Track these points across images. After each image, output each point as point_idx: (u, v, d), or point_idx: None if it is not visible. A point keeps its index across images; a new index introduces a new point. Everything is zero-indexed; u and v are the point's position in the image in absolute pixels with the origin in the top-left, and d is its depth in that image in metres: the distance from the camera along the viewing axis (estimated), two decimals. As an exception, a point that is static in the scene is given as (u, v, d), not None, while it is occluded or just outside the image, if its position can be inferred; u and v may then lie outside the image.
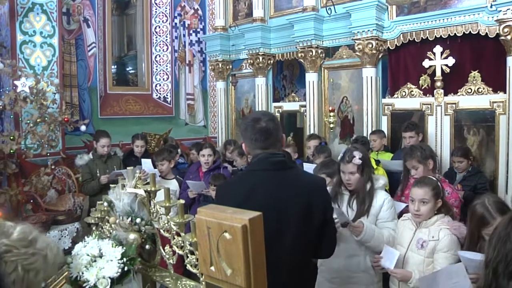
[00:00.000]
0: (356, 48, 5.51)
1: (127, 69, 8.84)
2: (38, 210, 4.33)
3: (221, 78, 7.75)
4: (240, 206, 1.68)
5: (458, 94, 4.95)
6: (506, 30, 4.38)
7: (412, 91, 5.32)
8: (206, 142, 5.28)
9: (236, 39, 7.40)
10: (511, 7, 4.30)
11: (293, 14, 6.38)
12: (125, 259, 1.94)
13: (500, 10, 4.40)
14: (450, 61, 4.88)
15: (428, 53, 5.04)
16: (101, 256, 1.95)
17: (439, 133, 5.06)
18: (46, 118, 4.62)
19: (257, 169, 2.05)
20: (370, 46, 5.34)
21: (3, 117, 5.17)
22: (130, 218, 2.12)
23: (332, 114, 5.84)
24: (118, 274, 1.90)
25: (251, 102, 7.47)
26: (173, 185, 4.59)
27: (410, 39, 5.24)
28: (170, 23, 8.00)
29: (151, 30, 7.90)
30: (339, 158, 2.91)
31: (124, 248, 2.00)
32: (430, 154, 3.43)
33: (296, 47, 6.25)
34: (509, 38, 4.38)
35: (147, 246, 2.18)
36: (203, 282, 1.54)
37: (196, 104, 8.44)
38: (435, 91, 5.05)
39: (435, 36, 5.00)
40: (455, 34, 4.87)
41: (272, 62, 6.92)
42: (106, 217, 2.30)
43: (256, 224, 1.17)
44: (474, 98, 4.83)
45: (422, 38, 5.13)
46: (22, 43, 5.23)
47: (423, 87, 5.27)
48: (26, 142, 4.76)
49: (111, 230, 2.22)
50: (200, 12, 8.45)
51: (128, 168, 2.27)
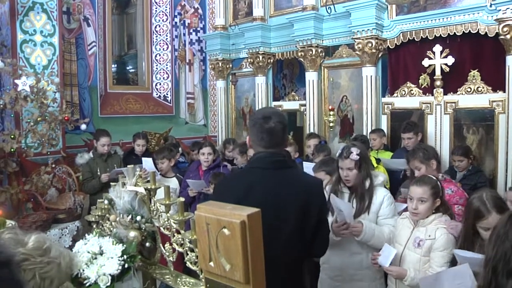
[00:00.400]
0: (356, 47, 5.52)
1: (127, 68, 8.83)
2: (38, 208, 4.34)
3: (221, 77, 7.77)
4: (239, 202, 1.69)
5: (458, 93, 4.95)
6: (505, 29, 4.39)
7: (411, 90, 5.33)
8: (206, 141, 5.29)
9: (236, 38, 7.41)
10: (511, 6, 4.31)
11: (293, 13, 6.38)
12: (125, 257, 1.96)
13: (499, 9, 4.41)
14: (450, 60, 4.88)
15: (427, 52, 5.05)
16: (101, 253, 1.96)
17: (439, 132, 5.07)
18: (47, 117, 4.63)
19: (256, 166, 2.07)
20: (370, 45, 5.35)
21: (4, 116, 5.17)
22: (130, 216, 2.13)
23: (332, 113, 5.85)
24: (119, 271, 1.91)
25: (251, 101, 7.47)
26: (173, 183, 4.59)
27: (410, 38, 5.25)
28: (170, 22, 8.00)
29: (151, 29, 7.90)
30: (337, 154, 2.92)
31: (124, 245, 2.01)
32: (433, 155, 3.43)
33: (296, 46, 6.25)
34: (508, 37, 4.38)
35: (147, 244, 2.19)
36: (203, 279, 1.55)
37: (196, 103, 8.44)
38: (435, 90, 5.06)
39: (435, 35, 5.01)
40: (455, 33, 4.88)
41: (272, 61, 6.92)
42: (107, 215, 2.32)
43: (254, 220, 1.19)
44: (474, 97, 4.84)
45: (421, 37, 5.14)
46: (22, 42, 5.23)
47: (423, 86, 5.27)
48: (26, 141, 4.78)
49: (112, 228, 2.23)
50: (200, 11, 8.45)
51: (128, 166, 2.28)
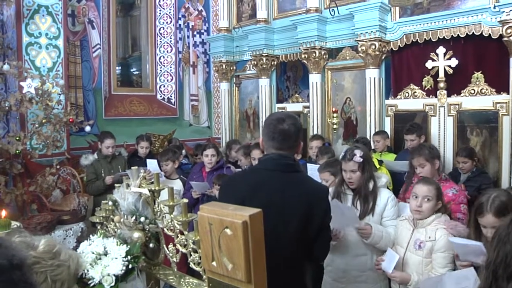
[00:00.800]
0: (359, 49, 5.53)
1: (132, 70, 8.86)
2: (43, 210, 4.37)
3: (225, 79, 7.79)
4: (244, 201, 1.70)
5: (461, 95, 4.95)
6: (509, 31, 4.38)
7: (415, 92, 5.32)
8: (209, 143, 5.31)
9: (239, 40, 7.44)
10: (514, 8, 4.31)
11: (296, 15, 6.40)
12: (129, 257, 1.97)
13: (503, 11, 4.41)
14: (453, 62, 4.88)
15: (431, 54, 5.06)
16: (106, 254, 1.98)
17: (442, 134, 5.06)
18: (51, 119, 4.66)
19: (264, 167, 2.09)
20: (373, 47, 5.35)
21: (9, 118, 5.22)
22: (134, 217, 2.14)
23: (335, 115, 5.86)
24: (123, 271, 1.92)
25: (255, 103, 7.49)
26: (177, 185, 4.61)
27: (413, 40, 5.25)
28: (174, 25, 8.02)
29: (155, 31, 7.93)
30: (341, 156, 2.93)
31: (128, 246, 2.02)
32: (437, 154, 3.44)
33: (299, 48, 6.27)
34: (512, 39, 4.39)
35: (151, 245, 2.20)
36: (206, 280, 1.56)
37: (200, 105, 8.46)
38: (438, 92, 5.06)
39: (438, 37, 5.01)
40: (458, 35, 4.88)
41: (275, 63, 6.93)
42: (111, 216, 2.33)
43: (256, 220, 1.20)
44: (477, 99, 4.83)
45: (425, 39, 5.14)
46: (27, 45, 5.27)
47: (426, 88, 5.27)
48: (31, 143, 4.81)
49: (116, 229, 2.24)
50: (204, 13, 8.48)
51: (132, 168, 2.29)
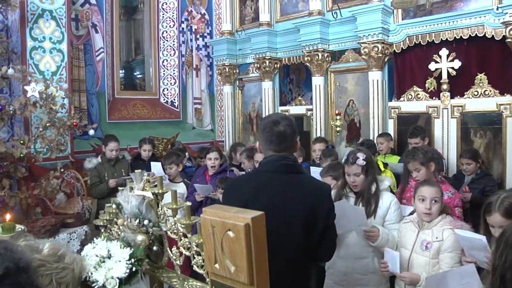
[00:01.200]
0: (362, 51, 5.53)
1: (135, 73, 8.90)
2: (47, 213, 4.39)
3: (228, 82, 7.80)
4: (247, 204, 1.70)
5: (465, 96, 4.94)
6: (512, 32, 4.38)
7: (418, 94, 5.32)
8: (213, 146, 5.31)
9: (242, 44, 7.45)
10: (517, 10, 4.31)
11: (299, 18, 6.41)
12: (133, 260, 1.97)
13: (506, 13, 4.41)
14: (456, 64, 4.88)
15: (434, 56, 5.05)
16: (109, 257, 1.98)
17: (446, 136, 5.05)
18: (55, 123, 4.68)
19: (265, 170, 2.09)
20: (376, 49, 5.35)
21: (14, 121, 5.25)
22: (138, 220, 2.15)
23: (338, 117, 5.85)
24: (126, 274, 1.92)
25: (258, 106, 7.49)
26: (181, 188, 4.61)
27: (416, 42, 5.25)
28: (177, 28, 8.05)
29: (159, 35, 7.96)
30: (343, 160, 2.91)
31: (132, 249, 2.03)
32: (432, 156, 3.41)
33: (302, 51, 6.28)
34: (515, 40, 4.38)
35: (155, 248, 2.21)
36: (209, 282, 1.56)
37: (203, 108, 8.48)
38: (442, 94, 5.05)
39: (441, 39, 5.01)
40: (461, 36, 4.87)
41: (278, 66, 6.95)
42: (115, 219, 2.33)
43: (258, 223, 1.20)
44: (481, 100, 4.82)
45: (428, 41, 5.14)
46: (32, 49, 5.30)
47: (430, 90, 5.26)
48: (35, 146, 4.84)
49: (120, 232, 2.25)
50: (207, 16, 8.51)
51: (136, 171, 2.30)
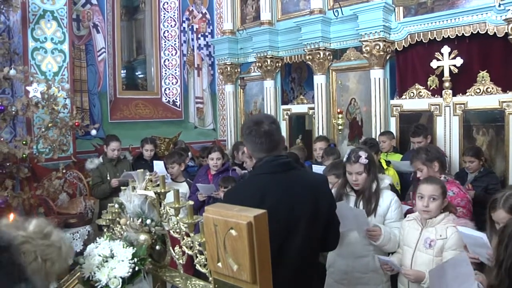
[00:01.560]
0: (363, 49, 5.52)
1: (137, 73, 8.90)
2: (50, 213, 4.39)
3: (229, 81, 7.81)
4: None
5: (467, 94, 4.93)
6: (514, 29, 4.37)
7: (420, 92, 5.31)
8: (215, 146, 5.32)
9: (244, 43, 7.45)
10: (520, 6, 4.30)
11: (300, 16, 6.40)
12: (136, 260, 1.97)
13: (508, 9, 4.39)
14: (458, 61, 4.87)
15: (436, 53, 5.04)
16: (112, 256, 1.98)
17: (448, 133, 5.04)
18: (58, 123, 4.69)
19: (264, 172, 2.05)
20: (378, 47, 5.35)
21: (16, 122, 5.25)
22: (140, 220, 2.15)
23: (340, 116, 5.86)
24: (129, 274, 1.92)
25: (260, 105, 7.49)
26: (183, 187, 4.61)
27: (418, 40, 5.24)
28: (178, 28, 8.05)
29: (160, 34, 7.95)
30: (345, 159, 2.90)
31: (135, 248, 2.03)
32: (436, 156, 3.33)
33: (304, 50, 6.27)
34: (517, 37, 4.37)
35: (157, 247, 2.20)
36: (212, 281, 1.56)
37: (205, 107, 8.47)
38: (444, 92, 5.04)
39: (443, 36, 5.00)
40: (463, 34, 4.86)
41: (280, 65, 6.95)
42: (117, 218, 2.33)
43: (261, 221, 1.20)
44: (483, 98, 4.81)
45: (429, 38, 5.13)
46: (33, 50, 5.31)
47: (431, 88, 5.26)
48: (38, 147, 4.85)
49: (122, 231, 2.25)
50: (208, 16, 8.50)
51: (138, 170, 2.30)
